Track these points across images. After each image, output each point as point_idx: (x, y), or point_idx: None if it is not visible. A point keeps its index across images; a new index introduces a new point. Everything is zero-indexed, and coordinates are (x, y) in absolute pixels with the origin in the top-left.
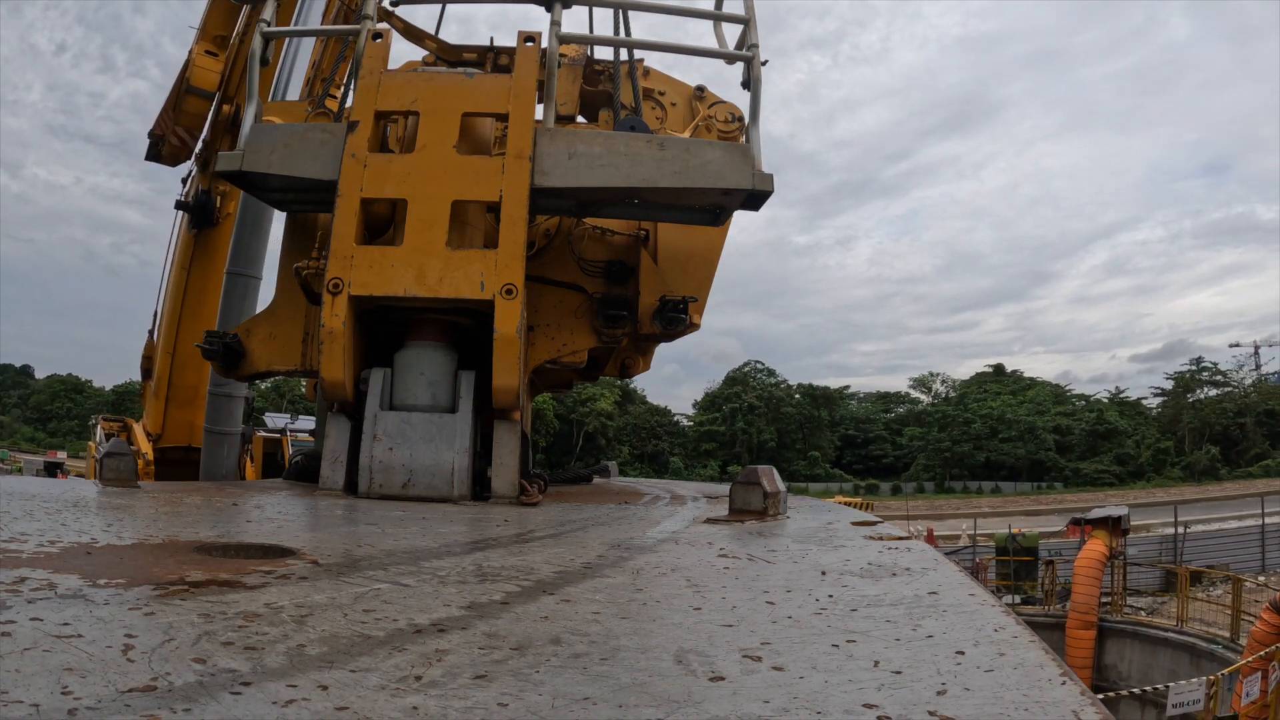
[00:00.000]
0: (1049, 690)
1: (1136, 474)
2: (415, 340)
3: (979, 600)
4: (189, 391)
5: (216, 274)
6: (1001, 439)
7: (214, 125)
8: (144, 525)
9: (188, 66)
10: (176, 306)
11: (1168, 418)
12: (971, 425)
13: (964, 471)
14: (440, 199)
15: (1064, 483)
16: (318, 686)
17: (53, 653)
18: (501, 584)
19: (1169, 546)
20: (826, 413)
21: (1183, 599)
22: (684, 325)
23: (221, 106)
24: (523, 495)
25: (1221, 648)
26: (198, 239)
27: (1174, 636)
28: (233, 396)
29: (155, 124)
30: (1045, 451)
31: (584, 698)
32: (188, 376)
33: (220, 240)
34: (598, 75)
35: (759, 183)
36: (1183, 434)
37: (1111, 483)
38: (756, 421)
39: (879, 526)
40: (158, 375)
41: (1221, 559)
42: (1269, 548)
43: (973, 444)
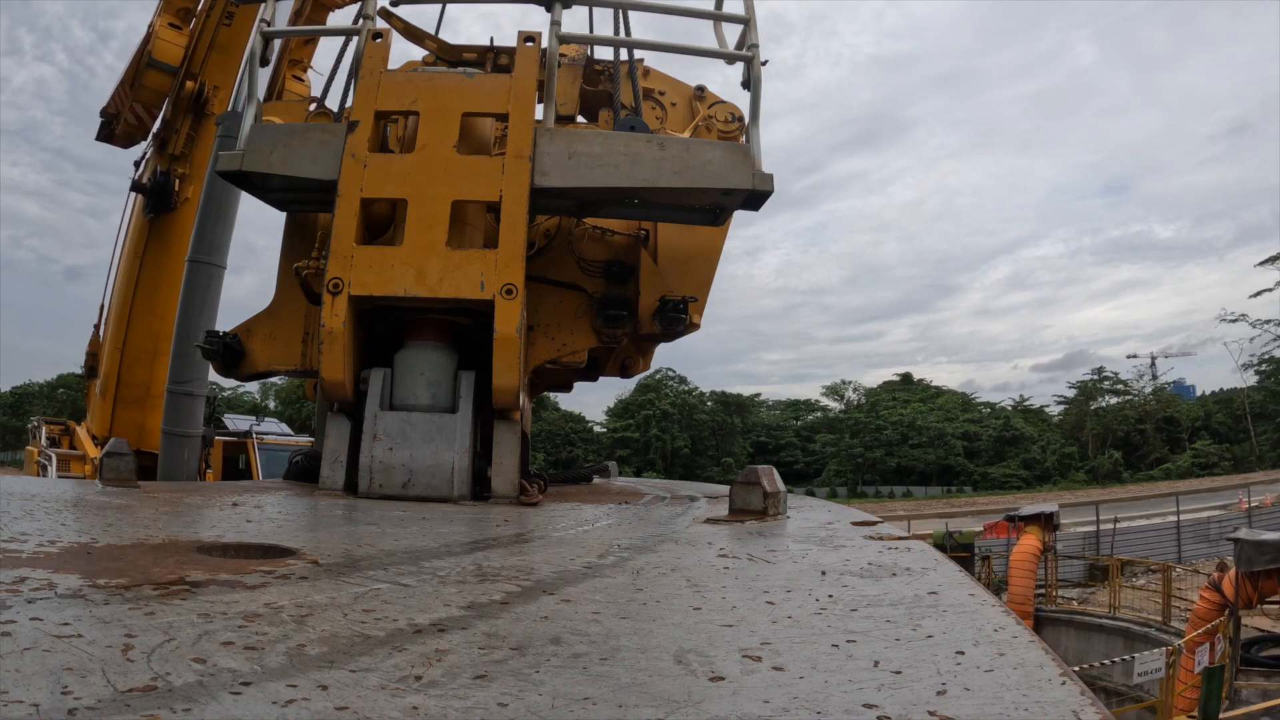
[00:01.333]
0: (1049, 690)
1: (1043, 477)
2: (415, 340)
3: (979, 600)
4: (138, 390)
5: (173, 263)
6: (912, 445)
7: (175, 103)
8: (144, 525)
9: (149, 39)
10: (128, 298)
11: (1070, 424)
12: (883, 432)
13: (876, 476)
14: (440, 199)
15: (973, 486)
16: (318, 686)
17: (53, 653)
18: (501, 584)
19: (1091, 542)
20: (739, 420)
21: (1115, 588)
22: (684, 325)
23: (184, 83)
24: (523, 495)
25: (1154, 630)
26: (153, 225)
27: (1108, 622)
28: (194, 395)
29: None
30: (955, 457)
31: (584, 698)
32: (137, 374)
33: (178, 226)
34: (598, 75)
35: (759, 183)
36: (1086, 439)
37: (1019, 486)
38: (670, 428)
39: (879, 527)
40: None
41: (1140, 552)
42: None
43: (885, 450)
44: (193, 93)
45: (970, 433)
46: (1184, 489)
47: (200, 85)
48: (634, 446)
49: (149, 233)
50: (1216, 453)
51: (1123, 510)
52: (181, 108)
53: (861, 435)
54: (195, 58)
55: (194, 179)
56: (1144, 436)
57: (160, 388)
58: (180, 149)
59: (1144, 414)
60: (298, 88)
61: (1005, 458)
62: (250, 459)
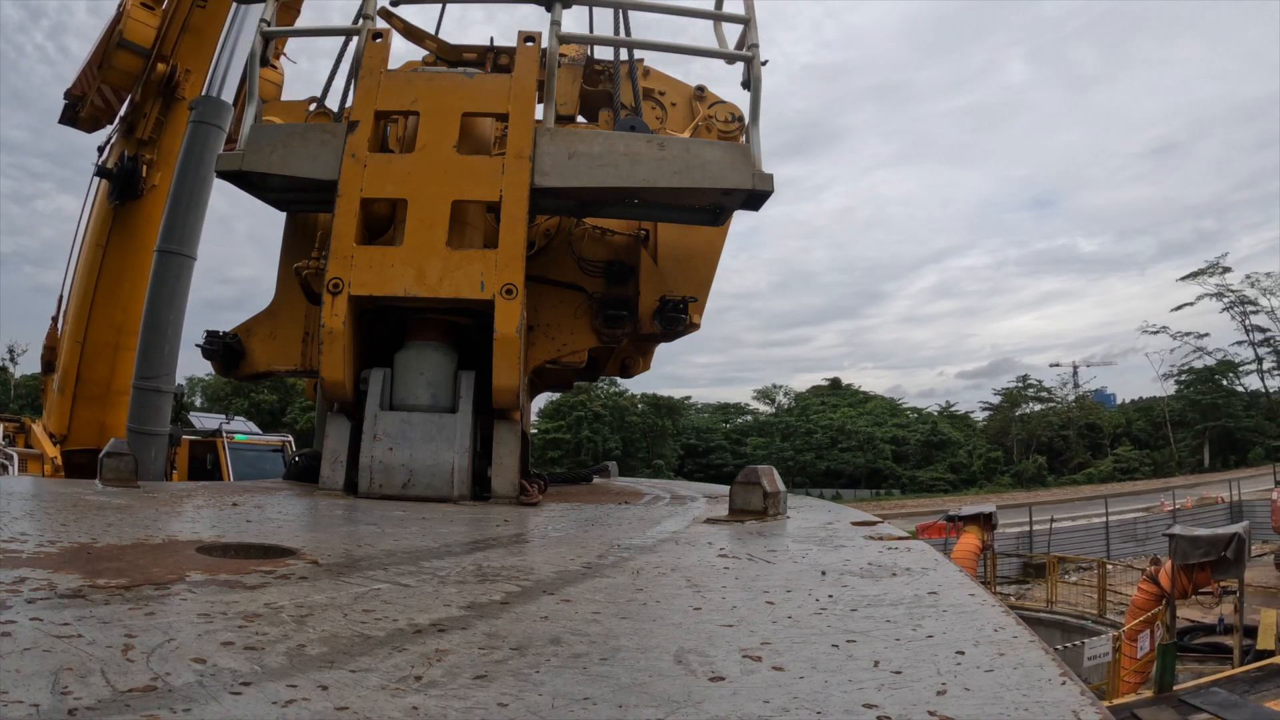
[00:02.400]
0: (1049, 690)
1: (969, 481)
2: (415, 340)
3: (979, 600)
4: (99, 387)
5: (138, 252)
6: (842, 448)
7: (145, 86)
8: (144, 525)
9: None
10: (89, 289)
11: (995, 429)
12: (814, 435)
13: (806, 479)
14: (440, 199)
15: (902, 489)
16: (318, 686)
17: (53, 653)
18: (501, 584)
19: (1024, 541)
20: (670, 422)
21: (1053, 583)
22: (684, 325)
23: (155, 65)
24: (523, 495)
25: (1090, 622)
26: (118, 212)
27: (1045, 615)
28: (161, 392)
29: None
30: (883, 460)
31: (584, 698)
32: (98, 370)
33: (144, 214)
34: (598, 75)
35: (759, 183)
36: (1011, 445)
37: (946, 489)
38: (602, 430)
39: (879, 527)
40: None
41: (1071, 551)
42: (1112, 541)
43: (815, 453)
44: (164, 76)
45: (898, 437)
46: (1106, 492)
47: (172, 68)
48: (565, 448)
49: (113, 220)
50: (1137, 458)
51: (1048, 512)
52: (151, 91)
53: (792, 439)
54: (167, 39)
55: (162, 165)
56: (1067, 442)
57: (122, 383)
58: (149, 133)
59: (1067, 420)
60: (271, 75)
61: (933, 461)
62: (220, 459)
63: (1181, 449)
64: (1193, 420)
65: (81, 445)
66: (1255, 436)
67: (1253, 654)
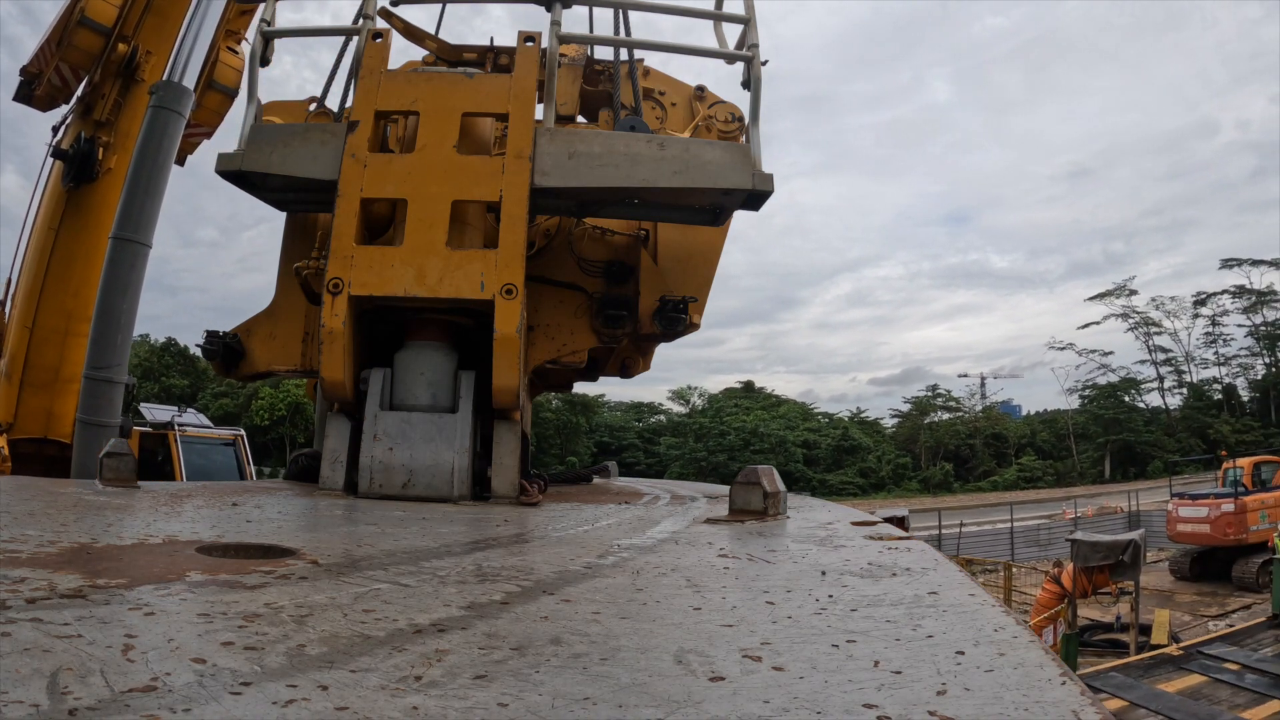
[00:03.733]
0: (1049, 690)
1: (878, 486)
2: (415, 340)
3: (979, 600)
4: (47, 374)
5: (91, 236)
6: (754, 450)
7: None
8: (144, 525)
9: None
10: (39, 272)
11: (904, 436)
12: (726, 437)
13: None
14: (440, 199)
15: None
16: (318, 686)
17: (53, 653)
18: (501, 584)
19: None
20: (584, 419)
21: None
22: (684, 325)
23: (116, 45)
24: (523, 495)
25: None
26: (71, 195)
27: None
28: (113, 382)
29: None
30: (794, 463)
31: (584, 698)
32: (47, 355)
33: (99, 198)
34: (598, 75)
35: (759, 183)
36: (919, 451)
37: (855, 493)
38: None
39: (879, 527)
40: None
41: (978, 554)
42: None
43: (727, 455)
44: (124, 57)
45: (810, 441)
46: (1011, 500)
47: (133, 49)
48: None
49: (66, 203)
50: (1041, 468)
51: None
52: (111, 71)
53: (705, 439)
54: (129, 19)
55: (119, 148)
56: (973, 450)
57: (71, 370)
58: (106, 115)
59: (974, 430)
60: (232, 60)
61: (843, 466)
62: (172, 453)
63: (1084, 460)
64: (1095, 433)
65: (28, 434)
66: (1154, 451)
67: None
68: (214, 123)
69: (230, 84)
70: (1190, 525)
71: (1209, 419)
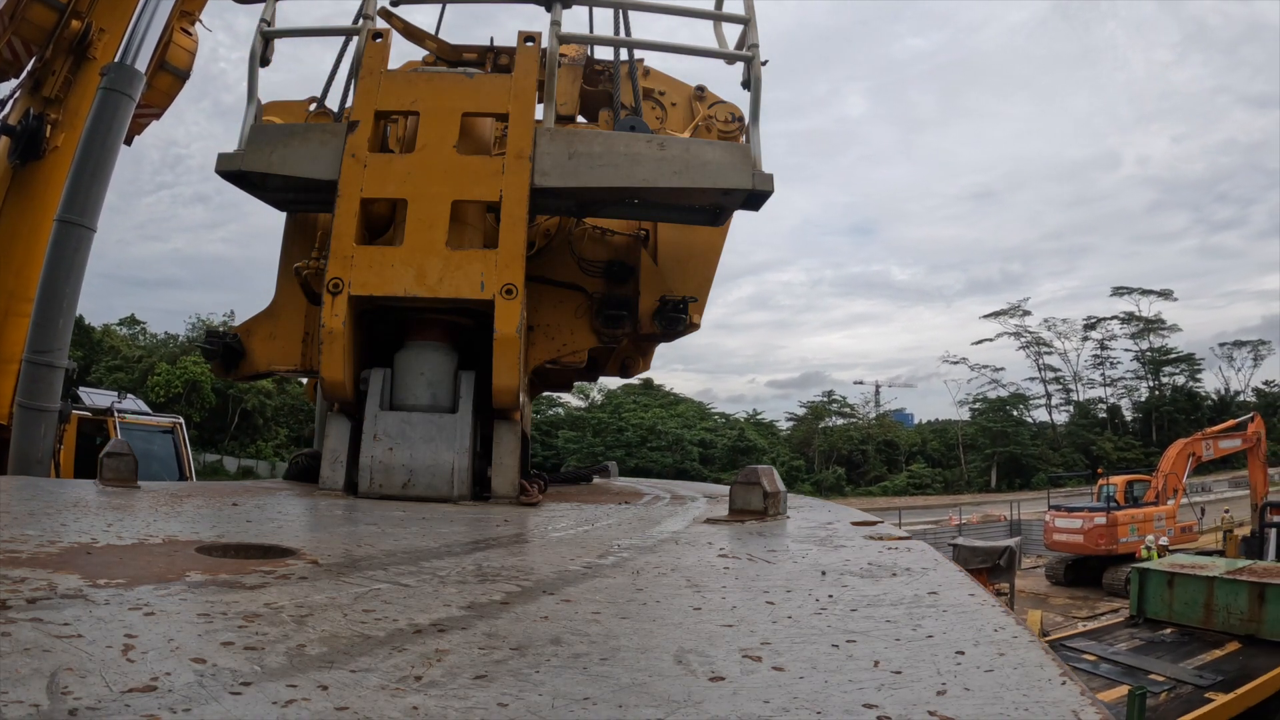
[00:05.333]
0: (1049, 690)
1: None
2: (415, 340)
3: (979, 600)
4: None
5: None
6: (651, 447)
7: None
8: (144, 525)
9: None
10: None
11: (799, 439)
12: (624, 433)
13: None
14: (440, 199)
15: None
16: (318, 686)
17: (53, 653)
18: (501, 584)
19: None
20: None
21: None
22: (684, 325)
23: (70, 22)
24: (523, 495)
25: None
26: (17, 172)
27: None
28: (54, 367)
29: None
30: (690, 462)
31: (584, 698)
32: None
33: (44, 177)
34: (598, 75)
35: (759, 183)
36: (813, 455)
37: None
38: None
39: (879, 527)
40: None
41: None
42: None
43: (625, 450)
44: (77, 33)
45: (706, 440)
46: (900, 505)
47: (86, 26)
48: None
49: (11, 180)
50: (930, 475)
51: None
52: (63, 48)
53: (603, 435)
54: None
55: (67, 126)
56: (865, 456)
57: (9, 351)
58: (56, 92)
59: (867, 436)
60: (185, 41)
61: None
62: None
63: (971, 470)
64: (983, 445)
65: None
66: (1039, 464)
67: None
68: (164, 104)
69: (182, 66)
70: (1065, 535)
71: (1093, 436)
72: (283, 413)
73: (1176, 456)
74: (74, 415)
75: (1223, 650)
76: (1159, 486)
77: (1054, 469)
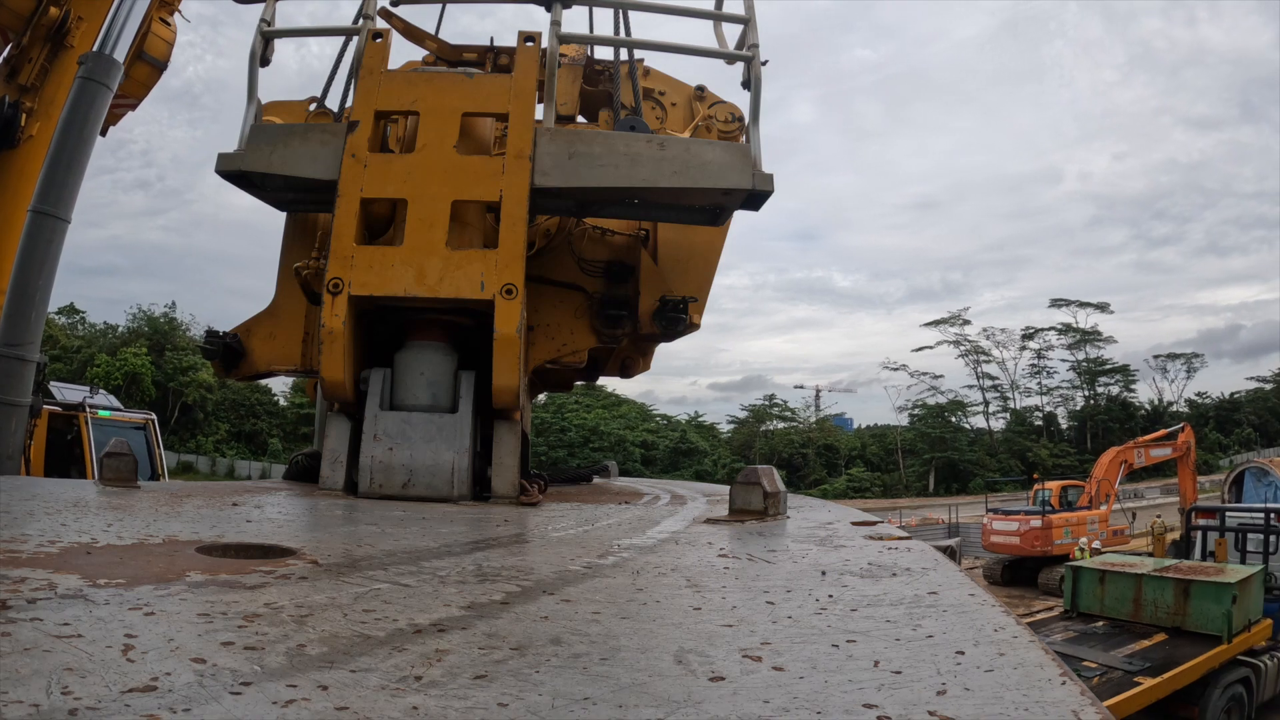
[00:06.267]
0: (1049, 690)
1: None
2: (415, 340)
3: (979, 600)
4: None
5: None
6: (593, 448)
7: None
8: (144, 525)
9: None
10: None
11: (740, 442)
12: (567, 433)
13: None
14: (440, 199)
15: None
16: (318, 686)
17: (53, 653)
18: (501, 584)
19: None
20: None
21: None
22: (684, 325)
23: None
24: (523, 495)
25: None
26: None
27: None
28: (26, 360)
29: None
30: (633, 463)
31: (584, 698)
32: None
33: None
34: (598, 75)
35: (759, 183)
36: (754, 457)
37: None
38: None
39: (879, 527)
40: None
41: None
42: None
43: (567, 450)
44: (56, 21)
45: (648, 441)
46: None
47: (65, 13)
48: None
49: None
50: (869, 479)
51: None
52: (40, 35)
53: (546, 435)
54: None
55: (42, 115)
56: (806, 459)
57: None
58: (32, 80)
59: (808, 439)
60: (164, 31)
61: (680, 467)
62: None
63: (910, 474)
64: (922, 450)
65: None
66: (976, 469)
67: None
68: (140, 94)
69: (160, 56)
70: (1002, 537)
71: (1029, 443)
72: (224, 407)
73: (1110, 463)
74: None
75: (1150, 641)
76: (1092, 492)
77: (991, 474)
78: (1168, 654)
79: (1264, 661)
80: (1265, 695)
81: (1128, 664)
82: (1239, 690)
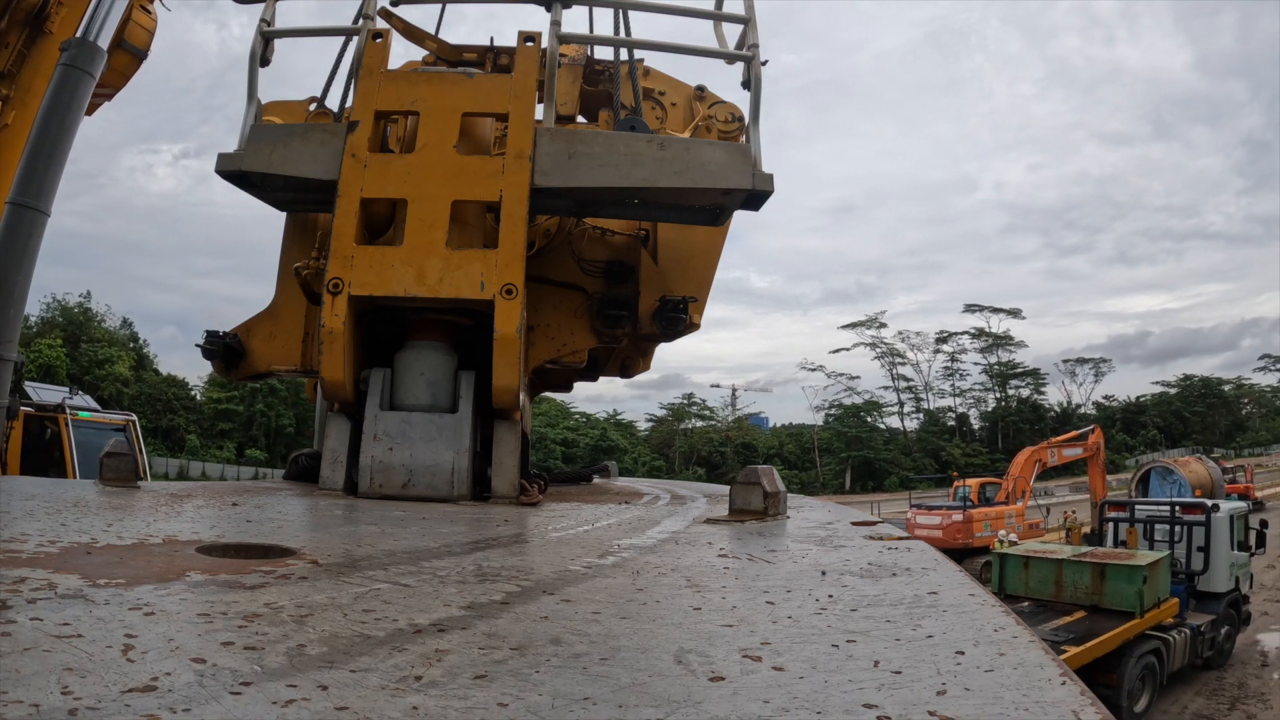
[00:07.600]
0: (1049, 690)
1: None
2: (415, 340)
3: (979, 600)
4: None
5: None
6: None
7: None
8: (144, 525)
9: None
10: None
11: (659, 440)
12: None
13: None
14: (440, 199)
15: None
16: (318, 686)
17: (53, 653)
18: (501, 584)
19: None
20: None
21: None
22: (684, 325)
23: None
24: (523, 495)
25: None
26: None
27: None
28: (3, 360)
29: None
30: (553, 460)
31: (584, 698)
32: None
33: None
34: (598, 75)
35: (759, 183)
36: (673, 456)
37: None
38: (277, 405)
39: (879, 527)
40: None
41: None
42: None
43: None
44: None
45: (569, 439)
46: None
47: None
48: (237, 420)
49: None
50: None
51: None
52: (18, 19)
53: None
54: None
55: (19, 103)
56: (724, 458)
57: None
58: (9, 66)
59: (726, 438)
60: (145, 20)
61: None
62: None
63: (826, 472)
64: (838, 449)
65: None
66: (891, 467)
67: None
68: (119, 84)
69: (141, 45)
70: (926, 530)
71: (942, 442)
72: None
73: (1025, 462)
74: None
75: (1071, 617)
76: (1009, 488)
77: (906, 472)
78: (1088, 628)
79: (1172, 636)
80: (1174, 665)
81: (1054, 636)
82: (1152, 660)
